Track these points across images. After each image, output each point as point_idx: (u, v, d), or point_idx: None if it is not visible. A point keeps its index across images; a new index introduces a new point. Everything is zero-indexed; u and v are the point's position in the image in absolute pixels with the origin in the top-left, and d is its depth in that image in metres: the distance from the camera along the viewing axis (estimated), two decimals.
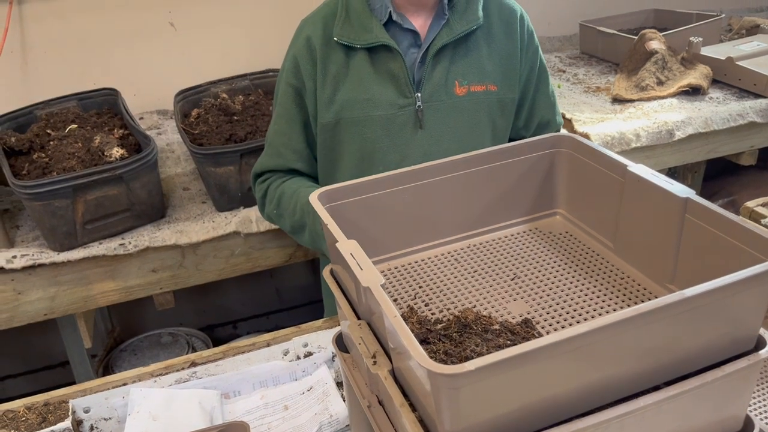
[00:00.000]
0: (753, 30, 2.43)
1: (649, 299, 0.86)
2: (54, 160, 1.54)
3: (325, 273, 0.93)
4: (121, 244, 1.54)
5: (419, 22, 1.22)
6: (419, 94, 1.21)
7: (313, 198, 0.87)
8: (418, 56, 1.22)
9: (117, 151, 1.54)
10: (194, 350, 2.19)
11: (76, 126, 1.69)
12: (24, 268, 1.50)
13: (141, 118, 2.15)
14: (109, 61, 2.16)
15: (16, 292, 1.52)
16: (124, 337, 2.32)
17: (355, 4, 1.20)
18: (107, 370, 2.14)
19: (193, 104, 1.86)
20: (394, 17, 1.19)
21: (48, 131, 1.67)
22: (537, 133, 1.38)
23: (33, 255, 1.51)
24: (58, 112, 1.76)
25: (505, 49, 1.26)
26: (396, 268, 0.97)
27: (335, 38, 1.19)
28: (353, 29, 1.19)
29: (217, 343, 1.71)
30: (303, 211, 1.23)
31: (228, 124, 1.72)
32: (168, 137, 2.03)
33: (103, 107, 1.84)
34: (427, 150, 1.23)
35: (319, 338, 1.17)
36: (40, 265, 1.51)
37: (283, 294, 2.65)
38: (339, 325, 1.11)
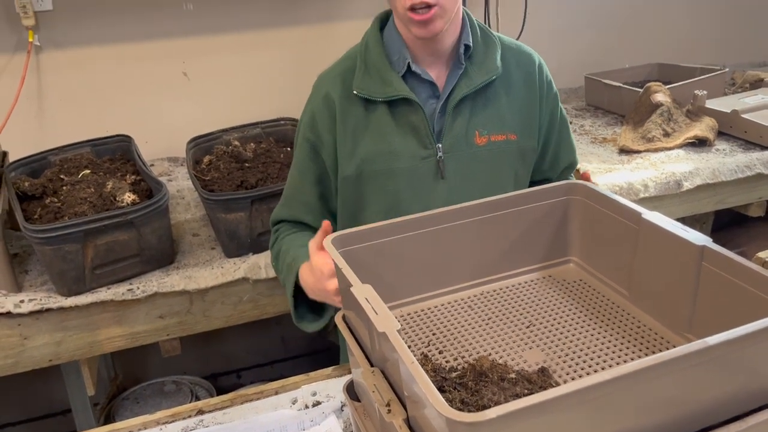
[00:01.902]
0: (757, 84, 2.47)
1: (667, 348, 0.85)
2: (66, 205, 1.55)
3: (337, 319, 0.92)
4: (129, 290, 1.53)
5: (436, 73, 1.23)
6: (440, 145, 1.22)
7: (327, 242, 0.86)
8: (437, 107, 1.22)
9: (129, 197, 1.55)
10: (198, 399, 2.15)
11: (89, 171, 1.71)
12: (31, 313, 1.49)
13: (152, 165, 2.18)
14: (122, 108, 2.20)
15: (23, 337, 1.51)
16: (127, 384, 2.29)
17: (373, 57, 1.21)
18: (109, 418, 2.10)
19: (205, 151, 1.88)
20: (413, 69, 1.20)
21: (61, 176, 1.69)
22: (563, 175, 1.40)
23: (41, 300, 1.50)
24: (71, 157, 1.79)
25: (524, 98, 1.27)
26: (409, 314, 0.96)
27: (355, 91, 1.20)
28: (373, 82, 1.20)
29: (221, 392, 1.68)
30: (286, 272, 1.25)
31: (239, 171, 1.74)
32: (179, 184, 2.05)
33: (117, 153, 1.87)
34: (449, 200, 1.22)
35: (329, 387, 1.15)
36: (48, 310, 1.50)
37: (289, 343, 2.62)
38: (349, 373, 1.09)
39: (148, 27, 2.15)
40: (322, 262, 1.07)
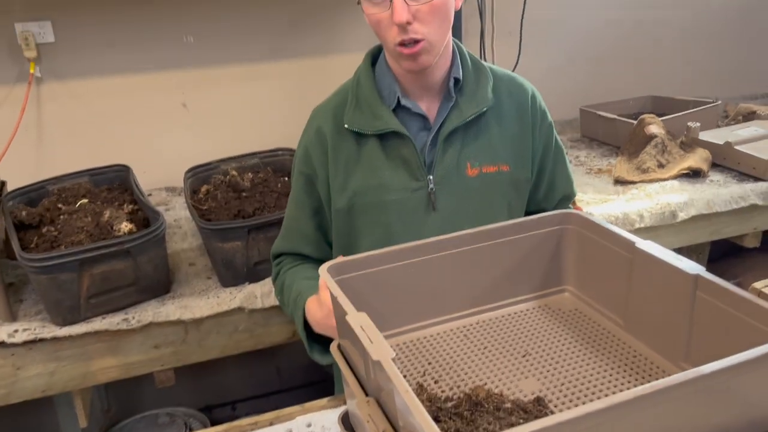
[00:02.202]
0: (749, 116, 2.50)
1: (662, 378, 0.85)
2: (63, 234, 1.56)
3: (333, 348, 0.91)
4: (124, 319, 1.53)
5: (427, 105, 1.24)
6: (431, 177, 1.22)
7: (323, 270, 0.87)
8: (428, 139, 1.23)
9: (126, 226, 1.56)
10: None
11: (86, 201, 1.71)
12: (25, 343, 1.48)
13: (150, 195, 2.18)
14: (121, 139, 2.22)
15: (15, 368, 1.49)
16: (120, 416, 2.26)
17: (365, 92, 1.23)
18: None
19: (202, 181, 1.89)
20: (403, 103, 1.21)
21: (59, 206, 1.69)
22: (560, 207, 1.40)
23: (35, 329, 1.49)
24: (69, 187, 1.79)
25: (516, 129, 1.27)
26: (404, 343, 0.96)
27: (346, 125, 1.21)
28: (364, 116, 1.21)
29: (215, 425, 1.66)
30: (292, 307, 1.25)
31: (236, 200, 1.75)
32: (176, 213, 2.05)
33: (115, 183, 1.88)
34: (441, 232, 1.21)
35: (324, 418, 1.14)
36: (41, 340, 1.49)
37: (284, 374, 2.60)
38: (344, 404, 1.08)
39: (148, 59, 2.18)
40: (329, 298, 1.07)
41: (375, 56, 1.29)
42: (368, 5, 1.11)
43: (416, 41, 1.10)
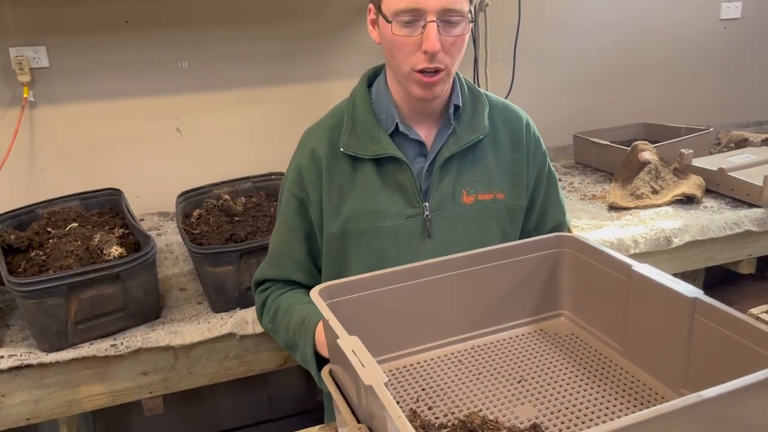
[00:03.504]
0: (742, 143, 2.52)
1: (661, 403, 0.83)
2: (51, 258, 1.53)
3: (324, 374, 0.89)
4: (112, 345, 1.50)
5: (425, 132, 1.23)
6: (427, 204, 1.20)
7: (314, 293, 0.85)
8: (424, 166, 1.21)
9: (116, 250, 1.54)
10: None
11: (76, 224, 1.69)
12: (10, 369, 1.44)
13: (142, 220, 2.17)
14: (114, 163, 2.21)
15: (0, 395, 1.46)
16: None
17: (361, 115, 1.21)
18: None
19: (195, 205, 1.87)
20: (401, 128, 1.20)
21: (48, 229, 1.68)
22: None
23: (21, 355, 1.46)
24: (59, 210, 1.78)
25: (511, 157, 1.27)
26: (397, 369, 0.94)
27: (342, 149, 1.19)
28: (360, 140, 1.19)
29: None
30: (295, 331, 1.20)
31: (229, 224, 1.73)
32: (168, 238, 2.03)
33: (106, 207, 1.86)
34: (436, 257, 1.21)
35: None
36: (27, 366, 1.46)
37: (276, 402, 2.55)
38: (336, 431, 1.05)
39: (143, 84, 2.18)
40: None
41: (371, 78, 1.28)
42: (398, 27, 1.09)
43: (438, 70, 1.11)
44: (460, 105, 1.23)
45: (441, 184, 1.21)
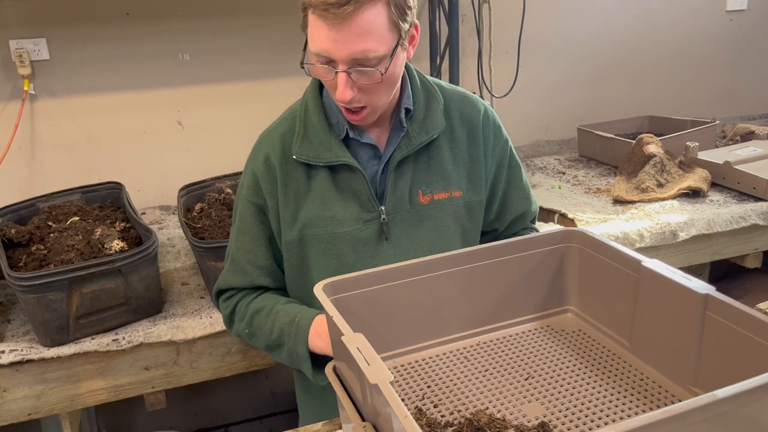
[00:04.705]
0: (748, 136, 2.49)
1: (671, 402, 0.82)
2: (52, 252, 1.52)
3: (328, 370, 0.88)
4: (114, 340, 1.49)
5: (377, 134, 1.20)
6: (383, 207, 1.18)
7: (318, 289, 0.84)
8: (379, 169, 1.19)
9: (117, 244, 1.52)
10: None
11: (77, 219, 1.68)
12: (11, 364, 1.44)
13: (143, 213, 2.16)
14: (115, 157, 2.19)
15: (1, 390, 1.45)
16: None
17: (313, 120, 1.18)
18: None
19: (196, 199, 1.86)
20: (351, 134, 1.17)
21: (49, 223, 1.66)
22: (512, 225, 1.34)
23: (22, 350, 1.45)
24: (60, 204, 1.76)
25: (468, 152, 1.24)
26: (402, 365, 0.93)
27: (294, 156, 1.17)
28: (312, 147, 1.16)
29: None
30: (282, 331, 1.18)
31: (231, 218, 1.72)
32: (169, 232, 2.02)
33: (107, 201, 1.85)
34: (395, 261, 1.15)
35: None
36: (28, 361, 1.45)
37: (279, 397, 2.55)
38: (339, 428, 1.04)
39: (144, 76, 2.17)
40: None
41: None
42: (316, 67, 1.05)
43: (361, 108, 1.09)
44: (411, 107, 1.19)
45: (396, 187, 1.19)
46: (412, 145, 1.17)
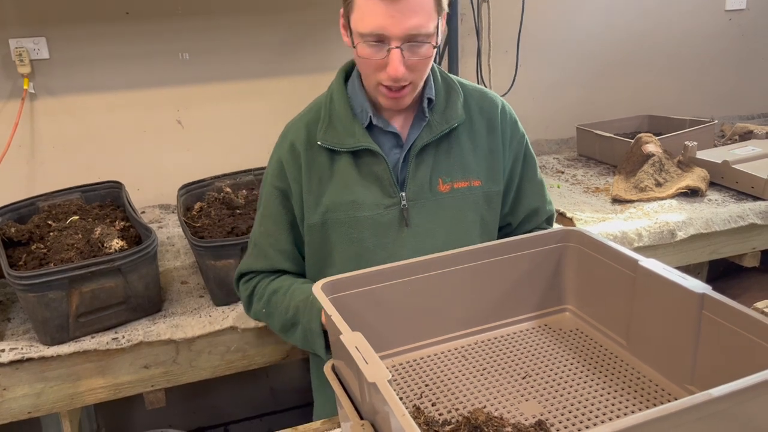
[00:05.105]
0: (746, 136, 2.50)
1: (668, 400, 0.82)
2: (52, 251, 1.53)
3: (326, 369, 0.89)
4: (114, 339, 1.49)
5: (400, 123, 1.25)
6: (404, 193, 1.22)
7: (317, 288, 0.84)
8: (400, 157, 1.24)
9: (117, 243, 1.53)
10: None
11: (77, 218, 1.68)
12: (11, 363, 1.44)
13: (143, 212, 2.16)
14: (115, 156, 2.20)
15: (1, 388, 1.45)
16: None
17: (338, 109, 1.23)
18: None
19: (196, 198, 1.86)
20: (375, 122, 1.22)
21: (49, 222, 1.67)
22: (525, 221, 1.37)
23: (22, 349, 1.46)
24: (60, 203, 1.76)
25: (487, 144, 1.28)
26: (401, 364, 0.93)
27: (319, 142, 1.22)
28: (337, 133, 1.22)
29: None
30: (297, 308, 1.21)
31: (230, 217, 1.72)
32: (169, 231, 2.03)
33: (107, 200, 1.85)
34: (414, 247, 1.24)
35: None
36: (28, 360, 1.45)
37: (279, 395, 2.55)
38: (338, 426, 1.05)
39: (143, 75, 2.17)
40: None
41: (348, 72, 1.29)
42: (364, 47, 1.11)
43: (403, 87, 1.14)
44: (433, 98, 1.24)
45: (417, 174, 1.23)
46: (433, 134, 1.22)
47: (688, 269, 2.18)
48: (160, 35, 2.15)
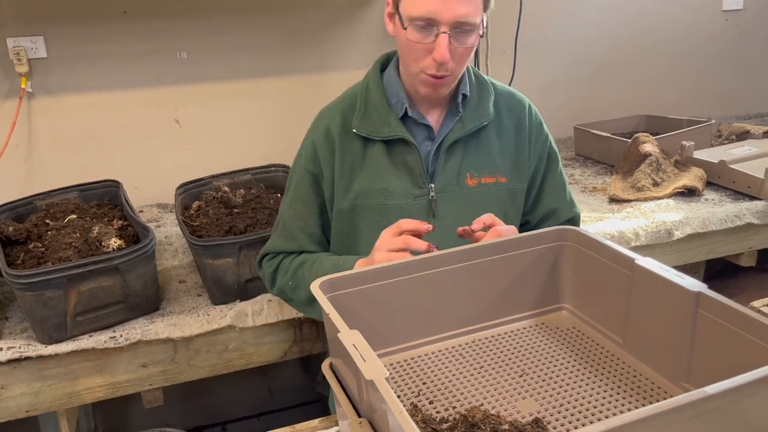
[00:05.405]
0: (743, 136, 2.50)
1: (664, 398, 0.82)
2: (50, 250, 1.53)
3: (324, 367, 0.89)
4: (111, 337, 1.49)
5: (433, 117, 1.29)
6: (433, 185, 1.26)
7: (315, 286, 0.84)
8: (432, 149, 1.27)
9: (115, 242, 1.53)
10: None
11: (75, 216, 1.68)
12: (9, 361, 1.44)
13: (141, 212, 2.16)
14: (112, 155, 2.19)
15: None
16: None
17: (374, 98, 1.27)
18: None
19: (194, 197, 1.86)
20: (410, 113, 1.26)
21: (47, 221, 1.67)
22: (543, 220, 1.40)
23: (20, 347, 1.46)
24: (58, 202, 1.76)
25: (514, 142, 1.32)
26: (398, 362, 0.93)
27: (354, 130, 1.25)
28: (372, 122, 1.25)
29: None
30: (327, 272, 1.22)
31: (228, 216, 1.72)
32: (167, 230, 2.03)
33: (104, 198, 1.85)
34: (439, 238, 1.25)
35: None
36: (26, 359, 1.45)
37: (276, 394, 2.55)
38: (336, 425, 1.05)
39: (141, 74, 2.17)
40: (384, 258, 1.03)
41: (384, 64, 1.33)
42: (412, 31, 1.14)
43: (444, 76, 1.17)
44: (468, 94, 1.28)
45: (446, 166, 1.27)
46: (464, 129, 1.26)
47: (685, 269, 2.18)
48: (158, 34, 2.15)
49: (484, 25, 1.19)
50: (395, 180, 1.26)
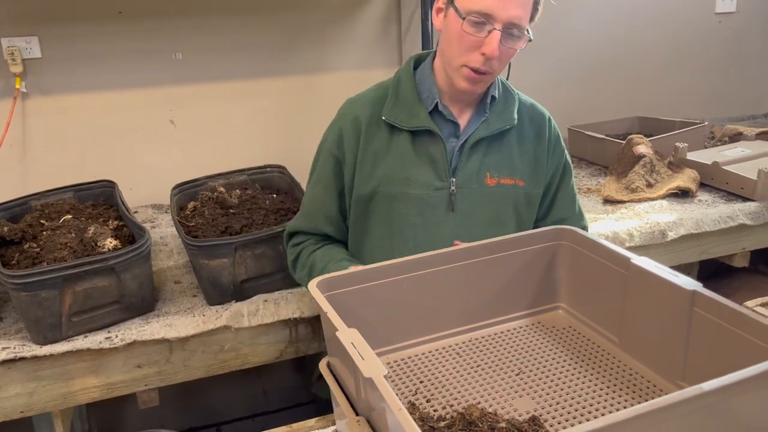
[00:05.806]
0: (736, 137, 2.52)
1: (659, 396, 0.83)
2: (45, 250, 1.52)
3: (322, 366, 0.89)
4: (107, 338, 1.49)
5: (461, 115, 1.34)
6: (454, 179, 1.30)
7: (312, 286, 0.85)
8: (456, 145, 1.32)
9: (110, 242, 1.52)
10: None
11: (70, 217, 1.68)
12: (4, 362, 1.43)
13: (136, 212, 2.16)
14: (107, 155, 2.19)
15: None
16: None
17: (405, 91, 1.32)
18: None
19: (189, 197, 1.86)
20: (440, 108, 1.31)
21: (42, 221, 1.66)
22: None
23: (14, 348, 1.45)
24: (53, 202, 1.76)
25: (533, 150, 1.37)
26: (396, 361, 0.94)
27: (384, 117, 1.30)
28: (401, 112, 1.30)
29: None
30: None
31: (224, 217, 1.72)
32: (162, 230, 2.02)
33: (100, 199, 1.84)
34: (456, 232, 1.31)
35: None
36: (21, 359, 1.45)
37: (271, 395, 2.55)
38: (333, 424, 1.05)
39: (136, 75, 2.16)
40: None
41: (417, 62, 1.39)
42: (468, 24, 1.18)
43: (486, 72, 1.22)
44: (496, 97, 1.34)
45: (468, 163, 1.31)
46: (489, 130, 1.31)
47: (679, 269, 2.18)
48: (153, 35, 2.14)
49: (530, 35, 1.24)
50: (418, 170, 1.30)
